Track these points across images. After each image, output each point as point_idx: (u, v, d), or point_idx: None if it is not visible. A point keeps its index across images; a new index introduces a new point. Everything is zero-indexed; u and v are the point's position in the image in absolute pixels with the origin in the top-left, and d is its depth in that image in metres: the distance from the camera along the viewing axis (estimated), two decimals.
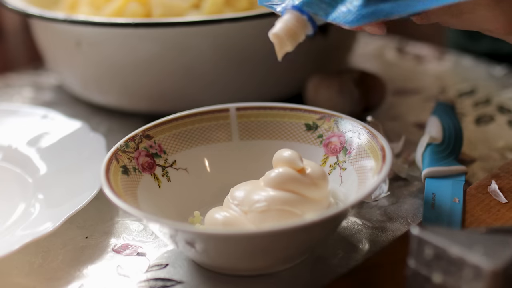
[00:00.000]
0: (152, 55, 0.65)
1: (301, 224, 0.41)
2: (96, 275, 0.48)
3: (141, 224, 0.53)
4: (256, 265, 0.46)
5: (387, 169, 0.46)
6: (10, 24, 1.07)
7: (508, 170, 0.55)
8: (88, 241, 0.52)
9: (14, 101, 0.77)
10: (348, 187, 0.50)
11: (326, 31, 0.69)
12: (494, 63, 0.80)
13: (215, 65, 0.66)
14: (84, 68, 0.70)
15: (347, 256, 0.48)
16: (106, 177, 0.47)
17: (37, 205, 0.54)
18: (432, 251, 0.39)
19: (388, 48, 0.88)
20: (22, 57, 1.08)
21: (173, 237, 0.44)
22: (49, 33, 0.71)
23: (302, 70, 0.70)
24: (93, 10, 0.70)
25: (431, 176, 0.55)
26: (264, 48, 0.66)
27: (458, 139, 0.59)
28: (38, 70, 0.85)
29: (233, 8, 0.67)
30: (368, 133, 0.50)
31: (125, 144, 0.51)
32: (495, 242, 0.39)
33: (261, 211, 0.46)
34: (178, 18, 0.63)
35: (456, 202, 0.52)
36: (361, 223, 0.52)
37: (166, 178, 0.52)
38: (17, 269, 0.49)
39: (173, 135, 0.54)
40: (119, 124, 0.70)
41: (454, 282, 0.38)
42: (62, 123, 0.65)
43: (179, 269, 0.48)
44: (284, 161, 0.48)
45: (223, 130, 0.55)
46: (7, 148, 0.63)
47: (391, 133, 0.63)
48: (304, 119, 0.54)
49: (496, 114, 0.69)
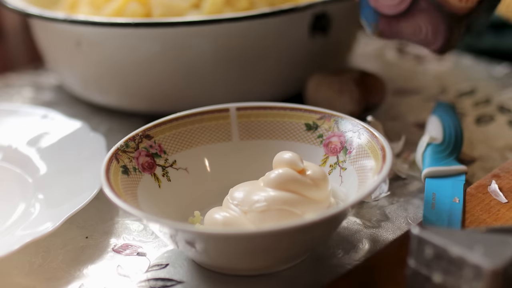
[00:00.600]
0: (152, 55, 0.65)
1: (301, 224, 0.41)
2: (96, 275, 0.48)
3: (141, 224, 0.53)
4: (256, 265, 0.46)
5: (387, 169, 0.46)
6: (10, 24, 1.07)
7: (508, 170, 0.55)
8: (88, 241, 0.52)
9: (14, 101, 0.77)
10: (348, 187, 0.50)
11: (326, 31, 0.69)
12: (495, 61, 0.80)
13: (215, 65, 0.66)
14: (84, 68, 0.70)
15: (347, 256, 0.48)
16: (106, 177, 0.47)
17: (37, 205, 0.54)
18: (432, 250, 0.39)
19: (388, 48, 0.88)
20: (22, 57, 1.08)
21: (173, 237, 0.44)
22: (49, 33, 0.71)
23: (302, 70, 0.70)
24: (93, 10, 0.70)
25: (431, 176, 0.55)
26: (265, 48, 0.67)
27: (458, 139, 0.59)
28: (38, 70, 0.85)
29: (233, 8, 0.67)
30: (368, 133, 0.50)
31: (125, 144, 0.51)
32: (495, 242, 0.39)
33: (261, 211, 0.46)
34: (178, 18, 0.63)
35: (456, 202, 0.52)
36: (361, 223, 0.52)
37: (166, 178, 0.52)
38: (17, 269, 0.49)
39: (173, 135, 0.54)
40: (119, 124, 0.70)
41: (454, 281, 0.39)
42: (62, 123, 0.65)
43: (179, 269, 0.48)
44: (284, 162, 0.48)
45: (223, 130, 0.55)
46: (7, 148, 0.63)
47: (391, 133, 0.63)
48: (304, 119, 0.54)
49: (496, 114, 0.69)
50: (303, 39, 0.68)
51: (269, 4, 0.67)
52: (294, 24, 0.67)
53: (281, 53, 0.68)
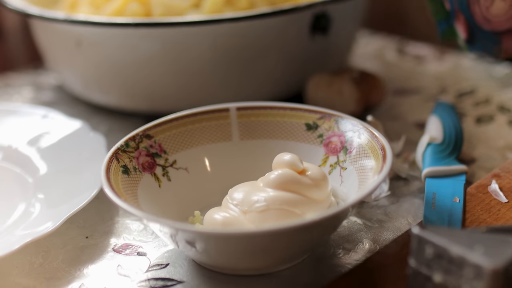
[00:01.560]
0: (152, 55, 0.65)
1: (301, 223, 0.41)
2: (97, 274, 0.48)
3: (142, 224, 0.53)
4: (257, 265, 0.46)
5: (387, 168, 0.46)
6: (10, 24, 1.07)
7: (508, 170, 0.55)
8: (88, 240, 0.52)
9: (14, 101, 0.77)
10: (349, 186, 0.50)
11: (326, 31, 0.69)
12: (495, 61, 0.80)
13: (215, 65, 0.66)
14: (84, 68, 0.70)
15: (347, 256, 0.48)
16: (107, 177, 0.47)
17: (37, 205, 0.54)
18: (433, 250, 0.39)
19: (388, 48, 0.88)
20: (22, 57, 1.08)
21: (174, 237, 0.44)
22: (49, 33, 0.71)
23: (302, 70, 0.70)
24: (93, 10, 0.70)
25: (431, 175, 0.55)
26: (265, 48, 0.67)
27: (458, 139, 0.59)
28: (38, 70, 0.85)
29: (233, 8, 0.67)
30: (369, 133, 0.50)
31: (125, 143, 0.51)
32: (495, 242, 0.39)
33: (260, 211, 0.46)
34: (178, 18, 0.63)
35: (457, 201, 0.52)
36: (362, 223, 0.52)
37: (167, 178, 0.52)
38: (17, 269, 0.49)
39: (173, 135, 0.54)
40: (119, 124, 0.70)
41: (455, 281, 0.38)
42: (62, 123, 0.65)
43: (180, 268, 0.48)
44: (284, 163, 0.48)
45: (223, 130, 0.55)
46: (7, 148, 0.63)
47: (391, 133, 0.63)
48: (305, 119, 0.54)
49: (496, 114, 0.69)
50: (303, 39, 0.68)
51: (269, 4, 0.67)
52: (294, 24, 0.67)
53: (281, 53, 0.68)
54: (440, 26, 0.60)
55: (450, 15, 0.59)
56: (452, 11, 0.58)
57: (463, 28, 0.57)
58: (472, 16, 0.56)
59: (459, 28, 0.58)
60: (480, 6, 0.56)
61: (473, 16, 0.56)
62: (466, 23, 0.57)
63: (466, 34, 0.58)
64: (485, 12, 0.56)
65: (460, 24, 0.57)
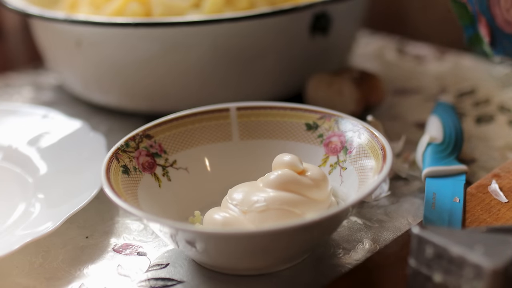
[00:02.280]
0: (152, 55, 0.65)
1: (301, 223, 0.41)
2: (97, 274, 0.48)
3: (142, 224, 0.53)
4: (257, 265, 0.46)
5: (387, 168, 0.46)
6: (10, 24, 1.07)
7: (508, 170, 0.55)
8: (89, 240, 0.52)
9: (14, 101, 0.77)
10: (349, 186, 0.50)
11: (326, 31, 0.69)
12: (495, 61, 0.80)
13: (215, 64, 0.66)
14: (84, 68, 0.70)
15: (348, 256, 0.48)
16: (107, 177, 0.47)
17: (37, 205, 0.54)
18: (433, 250, 0.39)
19: (388, 48, 0.88)
20: (22, 57, 1.08)
21: (174, 237, 0.44)
22: (49, 33, 0.71)
23: (302, 70, 0.70)
24: (93, 9, 0.70)
25: (431, 175, 0.55)
26: (265, 48, 0.67)
27: (458, 139, 0.59)
28: (38, 70, 0.85)
29: (233, 8, 0.67)
30: (369, 133, 0.50)
31: (125, 143, 0.51)
32: (495, 242, 0.39)
33: (260, 211, 0.46)
34: (178, 18, 0.63)
35: (457, 201, 0.52)
36: (362, 223, 0.52)
37: (167, 178, 0.52)
38: (17, 269, 0.49)
39: (173, 135, 0.54)
40: (119, 124, 0.70)
41: (455, 281, 0.38)
42: (62, 123, 0.65)
43: (180, 268, 0.48)
44: (284, 164, 0.48)
45: (223, 130, 0.55)
46: (7, 148, 0.63)
47: (391, 133, 0.63)
48: (305, 119, 0.54)
49: (496, 114, 0.69)
50: (303, 39, 0.68)
51: (269, 4, 0.67)
52: (294, 24, 0.67)
53: (281, 53, 0.68)
54: (467, 32, 0.59)
55: (473, 19, 0.58)
56: (474, 13, 0.57)
57: (486, 31, 0.57)
58: (493, 18, 0.56)
59: (482, 31, 0.57)
60: (500, 8, 0.55)
61: (494, 19, 0.56)
62: (488, 26, 0.57)
63: (489, 37, 0.57)
64: (505, 15, 0.55)
65: (483, 26, 0.57)
